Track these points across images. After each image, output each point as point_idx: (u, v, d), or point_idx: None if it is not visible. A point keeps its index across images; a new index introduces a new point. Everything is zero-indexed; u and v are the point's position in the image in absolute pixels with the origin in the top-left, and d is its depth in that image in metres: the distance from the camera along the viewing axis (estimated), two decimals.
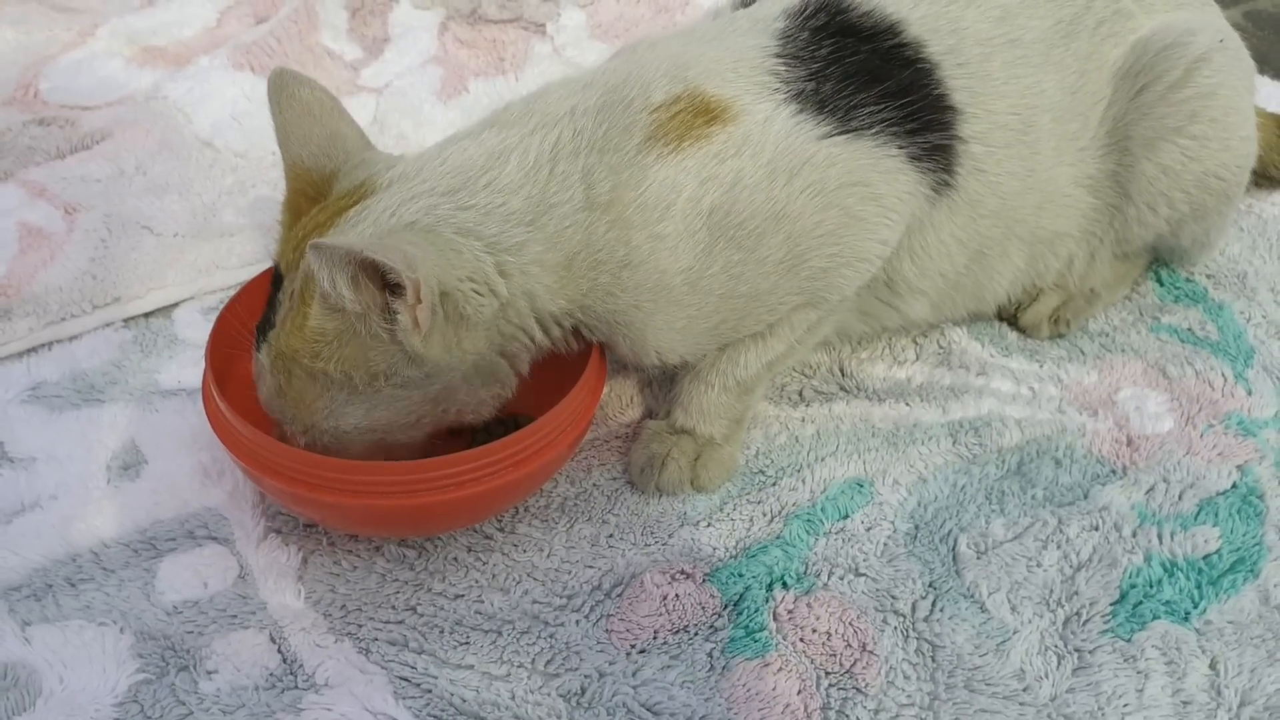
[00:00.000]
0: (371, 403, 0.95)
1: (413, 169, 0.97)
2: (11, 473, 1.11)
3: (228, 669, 0.94)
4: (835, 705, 0.92)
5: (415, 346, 0.91)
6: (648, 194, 0.97)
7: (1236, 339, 1.24)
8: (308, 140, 1.00)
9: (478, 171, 0.96)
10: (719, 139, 0.98)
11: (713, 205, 0.97)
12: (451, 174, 0.96)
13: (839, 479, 1.10)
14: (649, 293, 0.99)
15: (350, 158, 1.00)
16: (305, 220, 0.97)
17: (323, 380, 0.93)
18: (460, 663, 0.95)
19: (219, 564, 1.03)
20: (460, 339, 0.94)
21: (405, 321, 0.88)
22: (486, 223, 0.94)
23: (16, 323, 1.25)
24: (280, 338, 0.94)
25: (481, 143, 0.98)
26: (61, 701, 0.92)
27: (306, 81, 1.00)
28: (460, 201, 0.95)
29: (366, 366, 0.93)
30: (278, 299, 0.96)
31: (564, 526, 1.06)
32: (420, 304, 0.87)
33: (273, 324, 0.95)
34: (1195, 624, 0.97)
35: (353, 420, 0.96)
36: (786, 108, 1.00)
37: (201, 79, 1.62)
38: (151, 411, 1.17)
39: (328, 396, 0.94)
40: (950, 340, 1.25)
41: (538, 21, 1.79)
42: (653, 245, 0.97)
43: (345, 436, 0.97)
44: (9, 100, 1.64)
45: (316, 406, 0.95)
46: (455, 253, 0.92)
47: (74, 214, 1.40)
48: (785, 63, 1.02)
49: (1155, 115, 1.14)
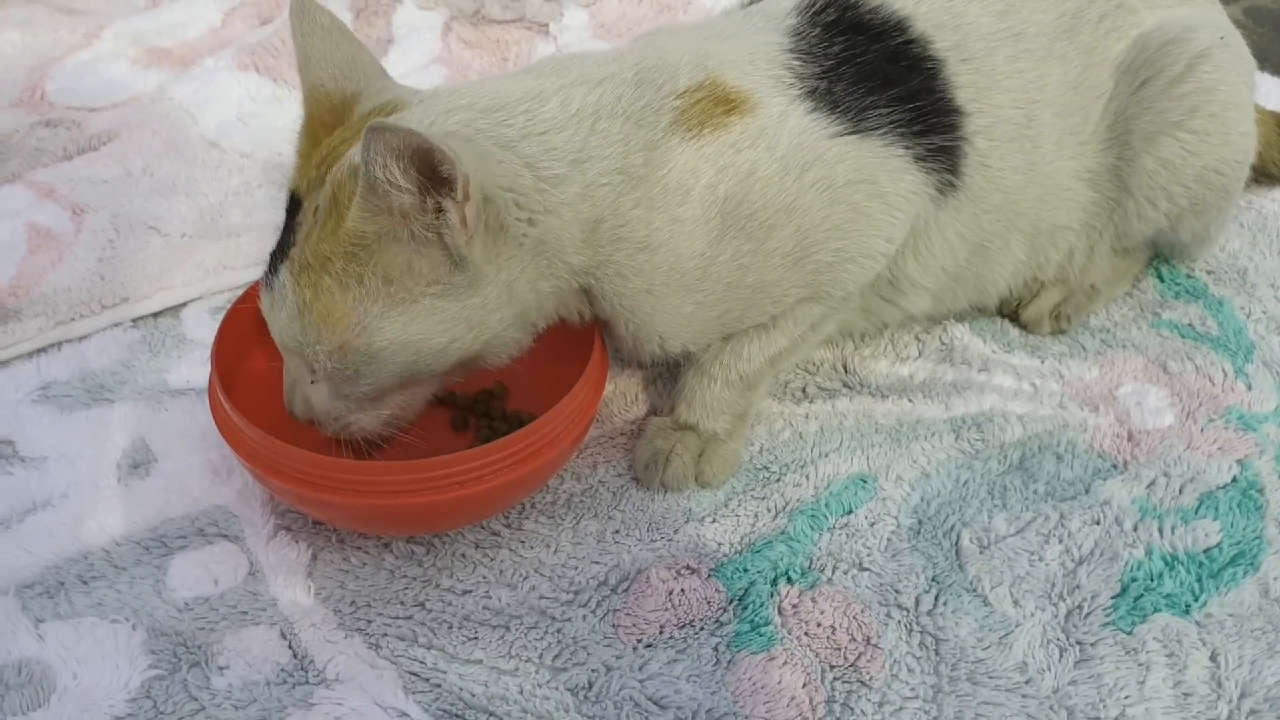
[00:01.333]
0: (409, 315, 0.92)
1: (447, 90, 0.97)
2: (23, 472, 1.12)
3: (239, 665, 0.95)
4: (840, 698, 0.93)
5: (461, 247, 0.89)
6: (671, 176, 0.98)
7: (1237, 334, 1.25)
8: (329, 63, 0.99)
9: (516, 101, 0.96)
10: (736, 129, 0.99)
11: (727, 194, 0.99)
12: (491, 96, 0.96)
13: (843, 475, 1.11)
14: (663, 276, 0.99)
15: (371, 82, 1.00)
16: (330, 139, 0.96)
17: (356, 289, 0.90)
18: (469, 657, 0.96)
19: (229, 561, 1.04)
20: (499, 251, 0.93)
21: (454, 219, 0.87)
22: (526, 143, 0.94)
23: (26, 323, 1.26)
24: (307, 248, 0.91)
25: (519, 82, 0.99)
26: (75, 697, 0.93)
27: (325, 10, 1.00)
28: (499, 119, 0.95)
29: (408, 270, 0.90)
30: (295, 222, 0.93)
31: (570, 523, 1.07)
32: (469, 201, 0.87)
33: (289, 244, 0.93)
34: (1196, 617, 0.98)
35: (388, 335, 0.92)
36: (801, 104, 1.01)
37: (207, 80, 1.64)
38: (161, 410, 1.18)
39: (361, 308, 0.91)
40: (952, 337, 1.26)
41: (541, 21, 1.80)
42: (673, 229, 0.98)
43: (378, 356, 0.92)
44: (16, 102, 1.65)
45: (348, 321, 0.91)
46: (495, 162, 0.92)
47: (82, 215, 1.41)
48: (799, 58, 1.03)
49: (1156, 110, 1.15)
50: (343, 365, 0.93)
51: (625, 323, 1.03)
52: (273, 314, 0.95)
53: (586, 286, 1.01)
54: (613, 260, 0.99)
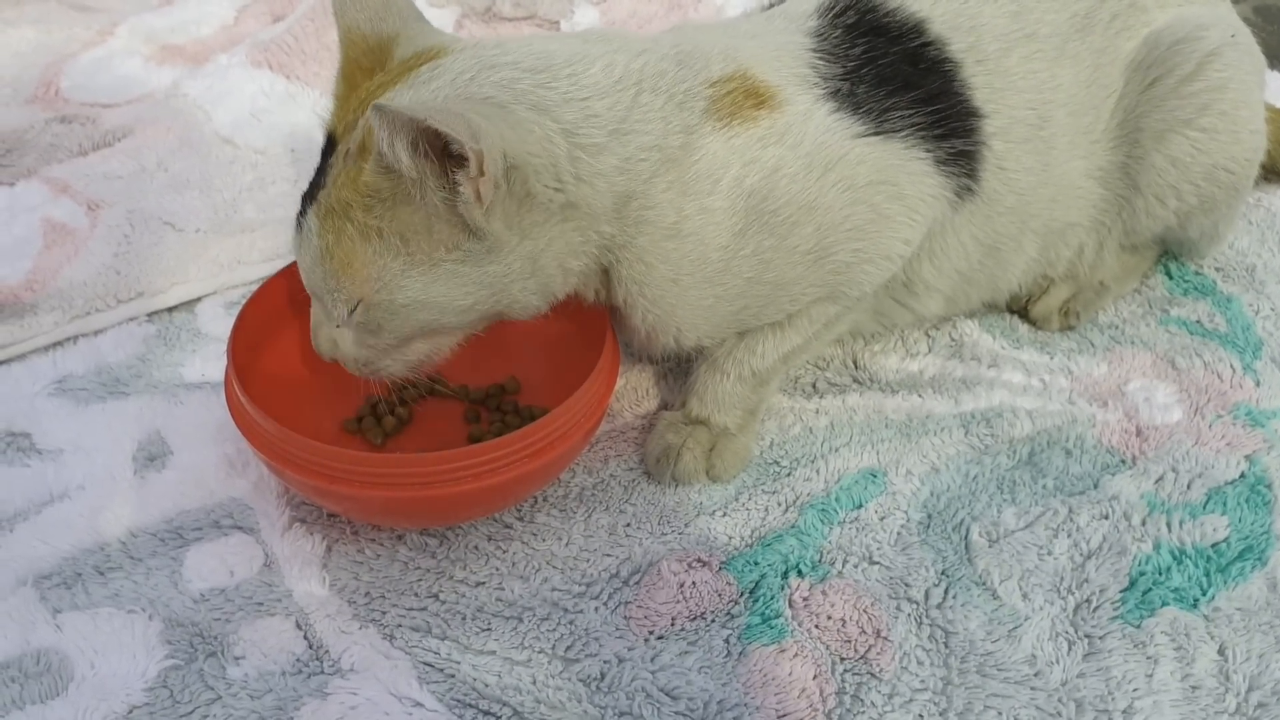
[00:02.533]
0: (429, 276, 0.92)
1: (492, 42, 0.96)
2: (40, 464, 1.13)
3: (255, 655, 0.96)
4: (850, 690, 0.94)
5: (477, 220, 0.89)
6: (702, 164, 0.98)
7: (1245, 331, 1.26)
8: (364, 5, 0.98)
9: (562, 64, 0.94)
10: (764, 124, 0.99)
11: (753, 188, 0.99)
12: (536, 55, 0.94)
13: (853, 469, 1.12)
14: (689, 266, 0.99)
15: (408, 24, 0.99)
16: (370, 83, 0.95)
17: (375, 243, 0.90)
18: (482, 648, 0.97)
19: (245, 553, 1.05)
20: (523, 218, 0.92)
21: (467, 194, 0.86)
22: (566, 108, 0.93)
23: (42, 317, 1.28)
24: (332, 192, 0.91)
25: (564, 43, 0.97)
26: (93, 687, 0.94)
27: None
28: (542, 80, 0.93)
29: (425, 232, 0.90)
30: (329, 164, 0.93)
31: (582, 516, 1.08)
32: (484, 176, 0.85)
33: (320, 186, 0.93)
34: (1204, 611, 0.99)
35: (409, 293, 0.92)
36: (825, 104, 1.02)
37: (220, 77, 1.64)
38: (176, 404, 1.19)
39: (380, 264, 0.91)
40: (962, 333, 1.27)
41: (552, 19, 1.81)
42: (702, 218, 0.98)
43: (398, 313, 0.93)
44: (31, 98, 1.66)
45: (368, 274, 0.91)
46: (527, 130, 0.90)
47: (97, 210, 1.41)
48: (822, 58, 1.04)
49: (1166, 108, 1.15)
50: (364, 319, 0.94)
51: (644, 313, 1.03)
52: (300, 254, 0.96)
53: (608, 265, 1.01)
54: (636, 243, 0.98)
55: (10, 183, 1.46)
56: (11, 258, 1.34)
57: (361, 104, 0.93)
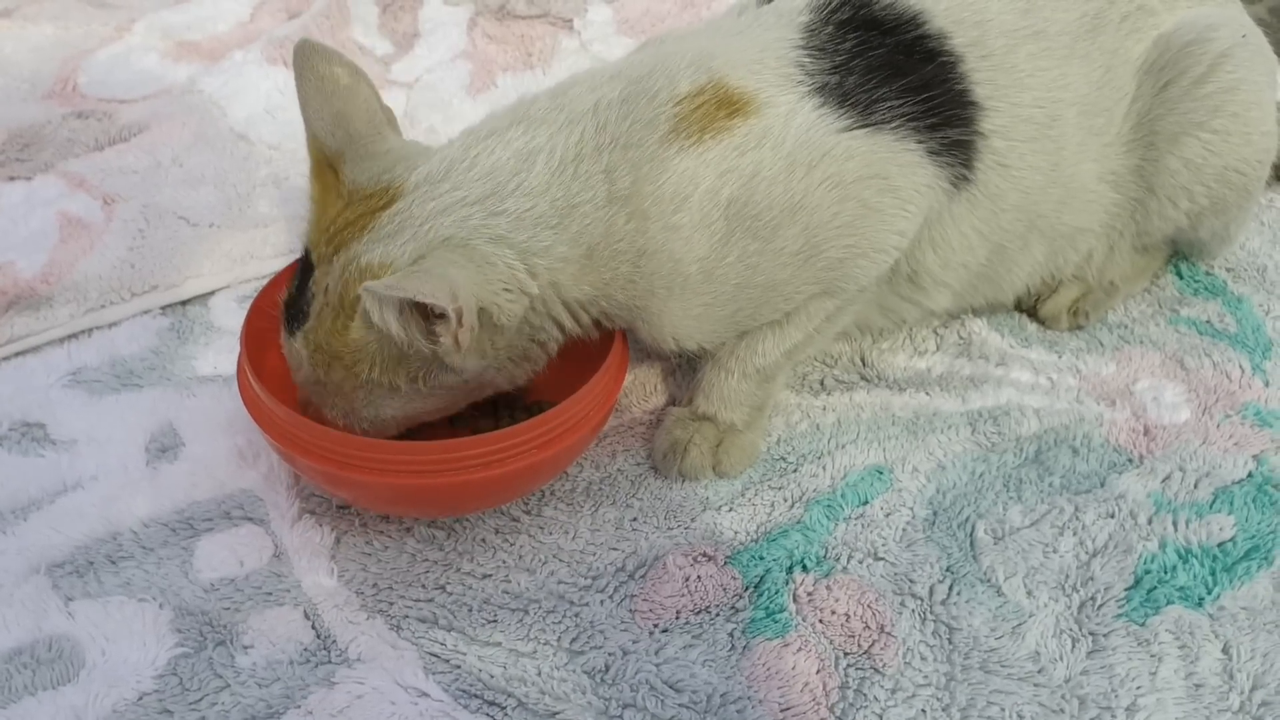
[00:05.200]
0: (409, 397, 1.00)
1: (439, 170, 0.98)
2: (54, 454, 1.14)
3: (263, 644, 0.97)
4: (853, 684, 0.94)
5: (455, 362, 0.95)
6: (665, 187, 0.98)
7: (1255, 331, 1.25)
8: (321, 116, 1.01)
9: (506, 175, 0.98)
10: (740, 132, 0.99)
11: (730, 197, 0.99)
12: (480, 179, 0.97)
13: (859, 466, 1.12)
14: (664, 280, 1.00)
15: (354, 142, 1.00)
16: (335, 215, 0.98)
17: (364, 379, 0.97)
18: (488, 640, 0.97)
19: (255, 543, 1.06)
20: (494, 341, 0.97)
21: (447, 343, 0.92)
22: (518, 229, 0.96)
23: (57, 309, 1.29)
24: (319, 334, 0.97)
25: (508, 144, 0.99)
26: (104, 673, 0.95)
27: (328, 56, 1.01)
28: (491, 208, 0.96)
29: (405, 369, 0.97)
30: (309, 286, 0.98)
31: (589, 510, 1.08)
32: (462, 327, 0.90)
33: (305, 313, 0.98)
34: (1209, 609, 0.99)
35: (391, 411, 1.00)
36: (809, 101, 1.01)
37: (235, 73, 1.66)
38: (189, 396, 1.20)
39: (366, 391, 0.98)
40: (970, 331, 1.27)
41: (565, 17, 1.81)
42: (666, 235, 0.99)
43: (384, 422, 1.01)
44: (49, 94, 1.68)
45: (356, 397, 0.99)
46: (490, 265, 0.95)
47: (112, 204, 1.43)
48: (810, 54, 1.04)
49: (1179, 110, 1.15)
50: (352, 424, 1.01)
51: (643, 324, 1.05)
52: (292, 364, 1.01)
53: (600, 314, 1.03)
54: (619, 273, 1.00)
55: (28, 177, 1.48)
56: (28, 251, 1.36)
57: (333, 239, 0.97)
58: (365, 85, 1.03)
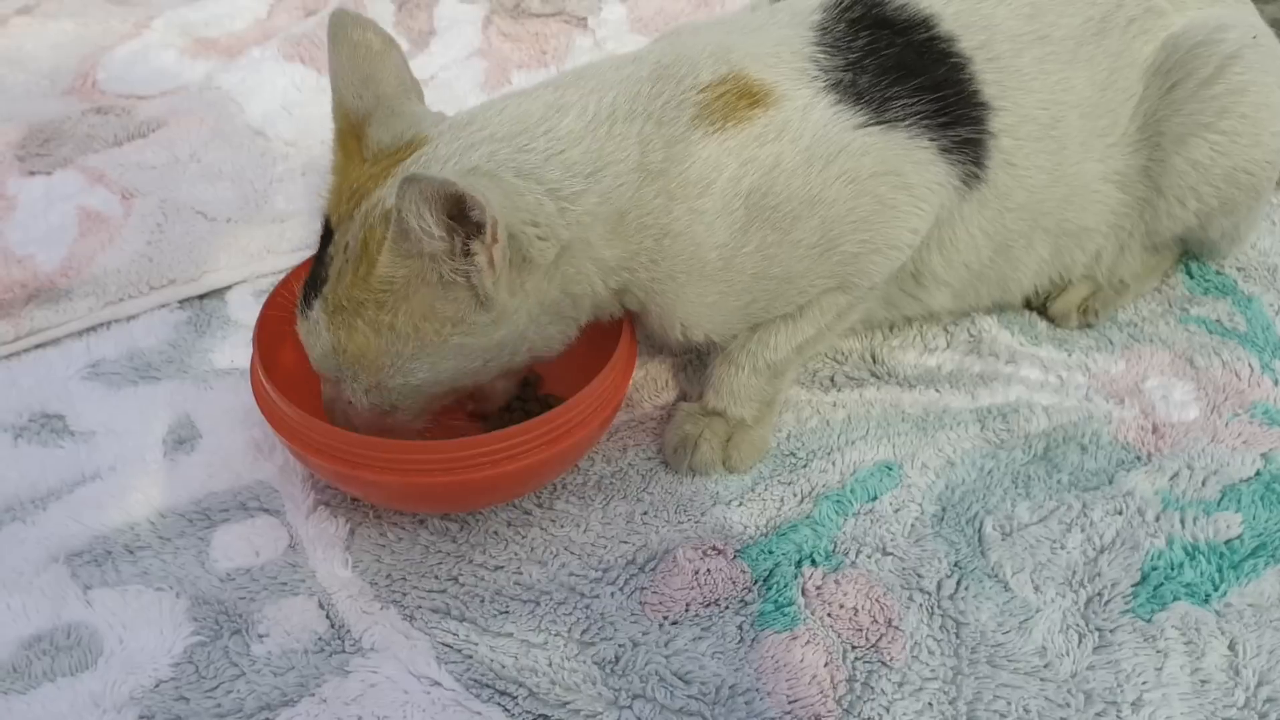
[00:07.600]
0: (439, 354, 0.95)
1: (465, 118, 0.99)
2: (73, 445, 1.16)
3: (278, 633, 0.98)
4: (861, 677, 0.95)
5: (488, 288, 0.91)
6: (691, 170, 0.99)
7: (1265, 330, 1.26)
8: (350, 80, 1.00)
9: (535, 120, 0.98)
10: (760, 122, 1.00)
11: (751, 187, 1.00)
12: (509, 121, 0.98)
13: (869, 462, 1.13)
14: (684, 263, 1.01)
15: (382, 103, 1.00)
16: (357, 172, 0.98)
17: (387, 335, 0.93)
18: (500, 631, 0.98)
19: (270, 534, 1.07)
20: (523, 281, 0.95)
21: (481, 261, 0.89)
22: (547, 167, 0.96)
23: (77, 302, 1.31)
24: (340, 290, 0.94)
25: (537, 98, 1.00)
26: (121, 660, 0.96)
27: (362, 24, 1.01)
28: (520, 145, 0.96)
29: (434, 314, 0.93)
30: (327, 254, 0.96)
31: (600, 504, 1.09)
32: (497, 243, 0.89)
33: (324, 279, 0.95)
34: (1215, 606, 0.99)
35: (421, 375, 0.96)
36: (825, 96, 1.02)
37: (253, 70, 1.67)
38: (206, 389, 1.21)
39: (393, 351, 0.94)
40: (980, 329, 1.28)
41: (579, 15, 1.82)
42: (691, 219, 1.00)
43: (413, 391, 0.98)
44: (69, 90, 1.70)
45: (381, 363, 0.95)
46: (518, 195, 0.93)
47: (131, 199, 1.44)
48: (824, 51, 1.05)
49: (1186, 111, 1.15)
50: (379, 400, 0.98)
51: (655, 308, 1.05)
52: (309, 344, 0.99)
53: (623, 286, 1.03)
54: (644, 247, 1.00)
55: (48, 172, 1.49)
56: (48, 245, 1.37)
57: (353, 195, 0.96)
58: (397, 53, 1.03)
